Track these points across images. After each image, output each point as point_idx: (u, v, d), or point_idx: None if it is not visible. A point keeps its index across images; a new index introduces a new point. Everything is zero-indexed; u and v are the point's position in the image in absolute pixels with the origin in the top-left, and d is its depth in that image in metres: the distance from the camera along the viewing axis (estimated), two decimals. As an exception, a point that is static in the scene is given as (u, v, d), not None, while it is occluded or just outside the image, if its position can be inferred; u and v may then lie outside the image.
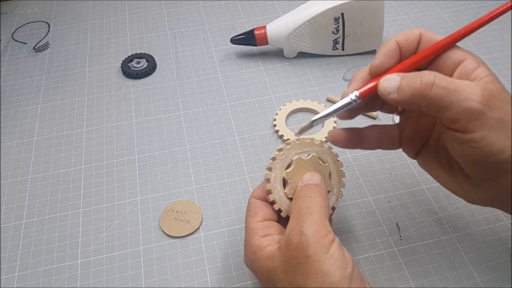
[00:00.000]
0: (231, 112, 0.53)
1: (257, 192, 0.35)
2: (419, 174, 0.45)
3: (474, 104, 0.27)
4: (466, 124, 0.28)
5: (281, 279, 0.29)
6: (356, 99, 0.31)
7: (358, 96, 0.31)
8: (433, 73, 0.28)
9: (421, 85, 0.28)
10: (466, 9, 0.66)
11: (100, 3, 0.72)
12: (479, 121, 0.27)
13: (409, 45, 0.32)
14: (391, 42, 0.32)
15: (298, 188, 0.33)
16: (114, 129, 0.52)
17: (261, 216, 0.33)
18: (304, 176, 0.34)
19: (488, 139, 0.27)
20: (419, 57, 0.31)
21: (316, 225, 0.29)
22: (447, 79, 0.28)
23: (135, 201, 0.45)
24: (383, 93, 0.30)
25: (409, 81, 0.29)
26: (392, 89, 0.30)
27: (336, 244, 0.29)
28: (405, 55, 0.32)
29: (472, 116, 0.27)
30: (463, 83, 0.28)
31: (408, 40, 0.32)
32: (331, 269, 0.27)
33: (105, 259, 0.40)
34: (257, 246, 0.31)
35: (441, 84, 0.28)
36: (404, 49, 0.32)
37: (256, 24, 0.66)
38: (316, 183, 0.33)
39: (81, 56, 0.62)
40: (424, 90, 0.28)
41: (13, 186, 0.47)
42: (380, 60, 0.32)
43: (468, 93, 0.27)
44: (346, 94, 0.32)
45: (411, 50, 0.32)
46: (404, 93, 0.29)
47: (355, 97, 0.31)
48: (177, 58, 0.61)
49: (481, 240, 0.40)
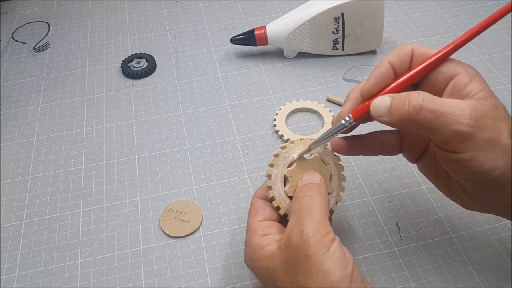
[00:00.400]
0: (231, 112, 0.53)
1: (260, 191, 0.35)
2: (419, 174, 0.45)
3: (462, 127, 0.27)
4: (456, 145, 0.28)
5: (281, 278, 0.29)
6: (351, 122, 0.32)
7: (352, 118, 0.32)
8: (421, 95, 0.28)
9: (409, 109, 0.28)
10: (466, 9, 0.66)
11: (100, 3, 0.72)
12: (468, 142, 0.27)
13: (402, 63, 0.32)
14: (383, 64, 0.32)
15: (298, 187, 0.33)
16: (114, 129, 0.52)
17: (262, 215, 0.33)
18: (304, 176, 0.34)
19: (478, 159, 0.28)
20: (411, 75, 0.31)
21: (317, 224, 0.29)
22: (436, 101, 0.28)
23: (135, 201, 0.45)
24: (375, 115, 0.30)
25: (398, 104, 0.29)
26: (382, 111, 0.30)
27: (336, 243, 0.29)
28: (400, 73, 0.32)
29: (461, 138, 0.28)
30: (452, 104, 0.28)
31: (400, 58, 0.32)
32: (331, 268, 0.27)
33: (105, 259, 0.40)
34: (257, 245, 0.31)
35: (429, 107, 0.28)
36: (397, 68, 0.32)
37: (256, 24, 0.66)
38: (316, 183, 0.33)
39: (81, 56, 0.62)
40: (412, 114, 0.28)
41: (13, 186, 0.47)
42: (371, 83, 0.32)
43: (457, 115, 0.27)
44: (341, 115, 0.33)
45: (405, 67, 0.32)
46: (394, 116, 0.29)
47: (349, 119, 0.32)
48: (177, 58, 0.61)
49: (481, 240, 0.40)
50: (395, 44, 0.61)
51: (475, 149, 0.28)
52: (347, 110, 0.33)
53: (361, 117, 0.32)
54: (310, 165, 0.34)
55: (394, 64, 0.32)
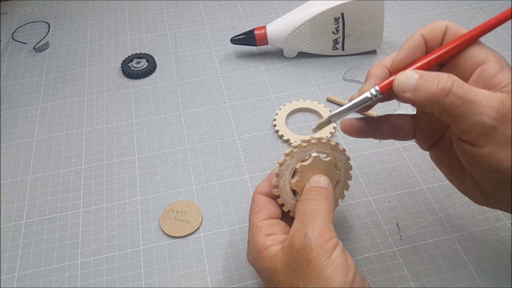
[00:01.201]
0: (231, 112, 0.53)
1: (262, 187, 0.35)
2: (419, 174, 0.45)
3: (487, 118, 0.26)
4: (476, 137, 0.27)
5: (281, 280, 0.29)
6: (377, 94, 0.30)
7: (378, 91, 0.30)
8: (451, 78, 0.27)
9: (437, 90, 0.27)
10: (466, 9, 0.66)
11: (100, 3, 0.72)
12: (490, 136, 0.26)
13: (434, 38, 0.30)
14: (416, 36, 0.30)
15: (305, 189, 0.33)
16: (114, 129, 0.52)
17: (265, 213, 0.33)
18: (312, 178, 0.33)
19: (497, 155, 0.26)
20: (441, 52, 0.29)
21: (320, 229, 0.29)
22: (465, 87, 0.27)
23: (135, 201, 0.45)
24: (398, 90, 0.28)
25: (425, 83, 0.27)
26: (407, 87, 0.28)
27: (339, 249, 0.29)
28: (431, 48, 0.30)
29: (484, 130, 0.26)
30: (480, 94, 0.27)
31: (434, 33, 0.30)
32: (332, 274, 0.27)
33: (105, 259, 0.40)
34: (261, 245, 0.31)
35: (458, 93, 0.26)
36: (429, 43, 0.30)
37: (256, 24, 0.66)
38: (323, 186, 0.33)
39: (81, 56, 0.62)
40: (439, 96, 0.27)
41: (13, 186, 0.47)
42: (403, 55, 0.30)
43: (484, 106, 0.26)
44: (364, 90, 0.31)
45: (437, 43, 0.30)
46: (419, 95, 0.28)
47: (375, 92, 0.30)
48: (177, 58, 0.61)
49: (481, 240, 0.40)
50: (395, 44, 0.61)
51: (495, 144, 0.26)
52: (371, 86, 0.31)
53: (388, 90, 0.30)
54: (323, 166, 0.34)
55: (426, 38, 0.30)
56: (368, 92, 0.30)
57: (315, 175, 0.34)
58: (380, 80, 0.31)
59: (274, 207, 0.34)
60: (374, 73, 0.31)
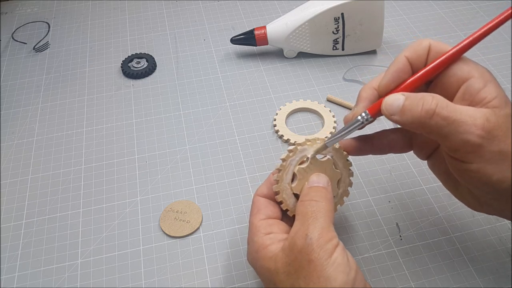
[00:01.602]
0: (231, 112, 0.53)
1: (261, 189, 0.35)
2: (419, 174, 0.45)
3: (472, 137, 0.27)
4: (465, 154, 0.28)
5: (282, 281, 0.29)
6: (368, 118, 0.31)
7: (368, 115, 0.31)
8: (435, 99, 0.28)
9: (422, 112, 0.28)
10: (466, 9, 0.66)
11: (100, 3, 0.72)
12: (477, 153, 0.27)
13: (418, 58, 0.31)
14: (400, 58, 0.31)
15: (305, 189, 0.33)
16: (114, 129, 0.52)
17: (264, 214, 0.33)
18: (311, 177, 0.33)
19: (485, 171, 0.27)
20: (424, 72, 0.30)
21: (321, 229, 0.29)
22: (449, 107, 0.27)
23: (135, 201, 0.45)
24: (386, 113, 0.30)
25: (411, 105, 0.28)
26: (394, 110, 0.29)
27: (340, 249, 0.29)
28: (417, 68, 0.31)
29: (471, 148, 0.27)
30: (465, 112, 0.27)
31: (417, 53, 0.31)
32: (333, 274, 0.27)
33: (105, 259, 0.40)
34: (260, 244, 0.31)
35: (442, 114, 0.27)
36: (414, 63, 0.31)
37: (256, 24, 0.66)
38: (322, 186, 0.33)
39: (81, 56, 0.62)
40: (424, 118, 0.28)
41: (13, 186, 0.47)
42: (388, 78, 0.31)
43: (469, 125, 0.27)
44: (355, 114, 0.32)
45: (422, 62, 0.31)
46: (405, 117, 0.28)
47: (366, 115, 0.31)
48: (177, 58, 0.61)
49: (481, 240, 0.40)
50: (395, 44, 0.61)
51: (483, 160, 0.27)
52: (361, 109, 0.32)
53: (378, 114, 0.31)
54: (322, 166, 0.34)
55: (411, 59, 0.31)
56: (359, 116, 0.32)
57: (314, 174, 0.34)
58: (370, 102, 0.32)
59: (273, 207, 0.34)
60: (364, 95, 0.33)
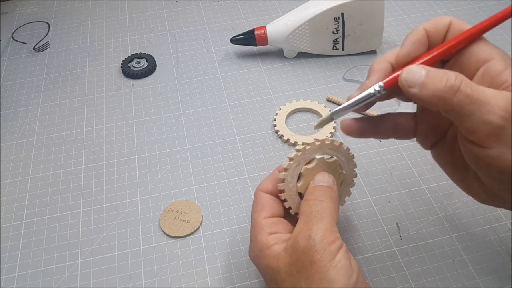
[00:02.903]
0: (231, 112, 0.53)
1: (265, 185, 0.34)
2: (419, 174, 0.45)
3: (495, 118, 0.25)
4: (484, 137, 0.26)
5: (283, 280, 0.29)
6: (380, 90, 0.29)
7: (382, 87, 0.29)
8: (459, 76, 0.26)
9: (446, 87, 0.26)
10: (466, 9, 0.66)
11: (100, 3, 0.72)
12: (498, 136, 0.25)
13: (437, 33, 0.29)
14: (419, 30, 0.29)
15: (310, 188, 0.33)
16: (114, 129, 0.52)
17: (268, 211, 0.33)
18: (316, 176, 0.33)
19: (505, 156, 0.26)
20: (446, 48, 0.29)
21: (325, 230, 0.29)
22: (473, 86, 0.26)
23: (135, 201, 0.45)
24: (404, 85, 0.27)
25: (433, 80, 0.26)
26: (414, 82, 0.27)
27: (343, 251, 0.28)
28: (434, 44, 0.30)
29: (492, 130, 0.25)
30: (488, 93, 0.26)
31: (437, 27, 0.29)
32: (335, 276, 0.27)
33: (105, 259, 0.40)
34: (264, 243, 0.31)
35: (466, 91, 0.26)
36: (432, 38, 0.30)
37: (256, 24, 0.66)
38: (328, 186, 0.32)
39: (81, 56, 0.62)
40: (447, 93, 0.26)
41: (13, 186, 0.47)
42: (408, 49, 0.29)
43: (492, 105, 0.25)
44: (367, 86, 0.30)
45: (439, 39, 0.30)
46: (426, 91, 0.27)
47: (379, 87, 0.29)
48: (177, 58, 0.61)
49: (481, 240, 0.40)
50: (395, 44, 0.61)
51: (504, 145, 0.25)
52: (374, 81, 0.30)
53: (392, 86, 0.29)
54: (328, 167, 0.34)
55: (429, 32, 0.29)
56: (371, 88, 0.30)
57: (320, 173, 0.33)
58: (384, 75, 0.30)
59: (277, 205, 0.34)
60: (377, 68, 0.31)
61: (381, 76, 0.30)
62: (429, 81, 0.27)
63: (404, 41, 0.30)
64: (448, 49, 0.29)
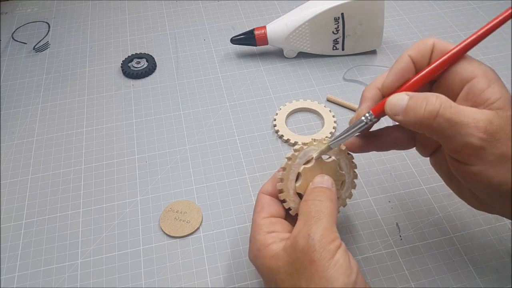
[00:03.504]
0: (231, 112, 0.53)
1: (266, 187, 0.35)
2: (419, 174, 0.45)
3: (474, 140, 0.26)
4: (466, 156, 0.27)
5: (283, 280, 0.29)
6: (372, 118, 0.31)
7: (372, 115, 0.31)
8: (439, 100, 0.27)
9: (425, 113, 0.27)
10: (466, 9, 0.66)
11: (100, 3, 0.72)
12: (479, 155, 0.27)
13: (422, 57, 0.31)
14: (403, 58, 0.31)
15: (309, 189, 0.33)
16: (114, 129, 0.52)
17: (267, 212, 0.33)
18: (315, 178, 0.33)
19: (486, 173, 0.27)
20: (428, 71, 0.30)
21: (324, 230, 0.29)
22: (453, 108, 0.27)
23: (135, 201, 0.45)
24: (390, 113, 0.29)
25: (414, 105, 0.28)
26: (398, 110, 0.29)
27: (342, 250, 0.29)
28: (420, 67, 0.31)
29: (472, 150, 0.27)
30: (468, 114, 0.27)
31: (421, 52, 0.31)
32: (334, 275, 0.27)
33: (105, 259, 0.40)
34: (262, 242, 0.31)
35: (445, 115, 0.27)
36: (418, 62, 0.31)
37: (256, 24, 0.66)
38: (326, 187, 0.33)
39: (81, 56, 0.62)
40: (427, 119, 0.27)
41: (13, 186, 0.47)
42: (392, 78, 0.31)
43: (471, 127, 0.26)
44: (359, 114, 0.32)
45: (425, 61, 0.31)
46: (408, 117, 0.28)
47: (369, 116, 0.31)
48: (177, 58, 0.61)
49: (481, 240, 0.40)
50: (395, 44, 0.61)
51: (485, 163, 0.27)
52: (365, 109, 0.32)
53: (382, 114, 0.31)
54: (327, 167, 0.34)
55: (414, 58, 0.31)
56: (363, 117, 0.31)
57: (318, 175, 0.34)
58: (374, 102, 0.32)
59: (277, 206, 0.34)
60: (367, 95, 0.32)
61: (371, 104, 0.32)
62: (410, 108, 0.28)
63: (390, 69, 0.32)
64: (431, 71, 0.30)
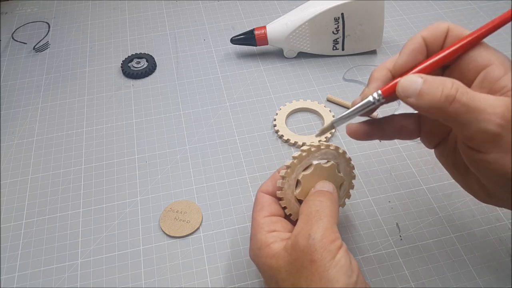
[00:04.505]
0: (231, 112, 0.53)
1: (265, 186, 0.35)
2: (419, 174, 0.45)
3: (492, 126, 0.25)
4: (481, 144, 0.26)
5: (284, 279, 0.29)
6: (379, 99, 0.29)
7: (381, 95, 0.29)
8: (455, 85, 0.26)
9: (441, 97, 0.26)
10: (466, 9, 0.66)
11: (100, 3, 0.72)
12: (495, 143, 0.26)
13: (435, 40, 0.30)
14: (416, 39, 0.30)
15: (311, 193, 0.33)
16: (114, 129, 0.52)
17: (268, 211, 0.33)
18: (317, 184, 0.34)
19: (502, 162, 0.26)
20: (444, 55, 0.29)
21: (325, 230, 0.29)
22: (469, 94, 0.26)
23: (135, 201, 0.45)
24: (401, 95, 0.28)
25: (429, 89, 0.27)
26: (411, 92, 0.27)
27: (343, 251, 0.29)
28: (432, 51, 0.30)
29: (488, 137, 0.26)
30: (485, 100, 0.26)
31: (435, 34, 0.30)
32: (335, 276, 0.27)
33: (105, 259, 0.40)
34: (263, 241, 0.31)
35: (462, 100, 0.26)
36: (430, 45, 0.30)
37: (256, 24, 0.66)
38: (328, 191, 0.33)
39: (81, 56, 0.62)
40: (443, 103, 0.26)
41: (13, 186, 0.47)
42: (405, 59, 0.30)
43: (488, 113, 0.25)
44: (366, 94, 0.30)
45: (438, 45, 0.30)
46: (423, 101, 0.27)
47: (377, 96, 0.29)
48: (177, 58, 0.61)
49: (481, 240, 0.40)
50: (395, 44, 0.61)
51: (501, 151, 0.26)
52: (373, 89, 0.30)
53: (391, 95, 0.29)
54: (325, 172, 0.34)
55: (427, 40, 0.30)
56: (370, 96, 0.30)
57: (321, 181, 0.34)
58: (383, 83, 0.30)
59: (277, 205, 0.34)
60: (377, 76, 0.31)
61: (380, 84, 0.30)
62: (425, 91, 0.27)
63: (402, 49, 0.30)
64: (446, 56, 0.29)
